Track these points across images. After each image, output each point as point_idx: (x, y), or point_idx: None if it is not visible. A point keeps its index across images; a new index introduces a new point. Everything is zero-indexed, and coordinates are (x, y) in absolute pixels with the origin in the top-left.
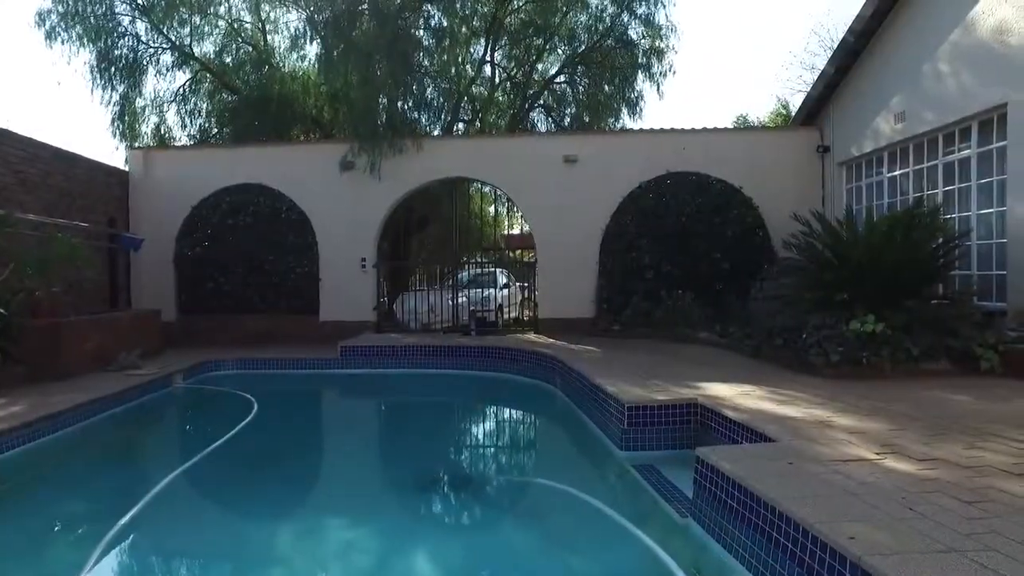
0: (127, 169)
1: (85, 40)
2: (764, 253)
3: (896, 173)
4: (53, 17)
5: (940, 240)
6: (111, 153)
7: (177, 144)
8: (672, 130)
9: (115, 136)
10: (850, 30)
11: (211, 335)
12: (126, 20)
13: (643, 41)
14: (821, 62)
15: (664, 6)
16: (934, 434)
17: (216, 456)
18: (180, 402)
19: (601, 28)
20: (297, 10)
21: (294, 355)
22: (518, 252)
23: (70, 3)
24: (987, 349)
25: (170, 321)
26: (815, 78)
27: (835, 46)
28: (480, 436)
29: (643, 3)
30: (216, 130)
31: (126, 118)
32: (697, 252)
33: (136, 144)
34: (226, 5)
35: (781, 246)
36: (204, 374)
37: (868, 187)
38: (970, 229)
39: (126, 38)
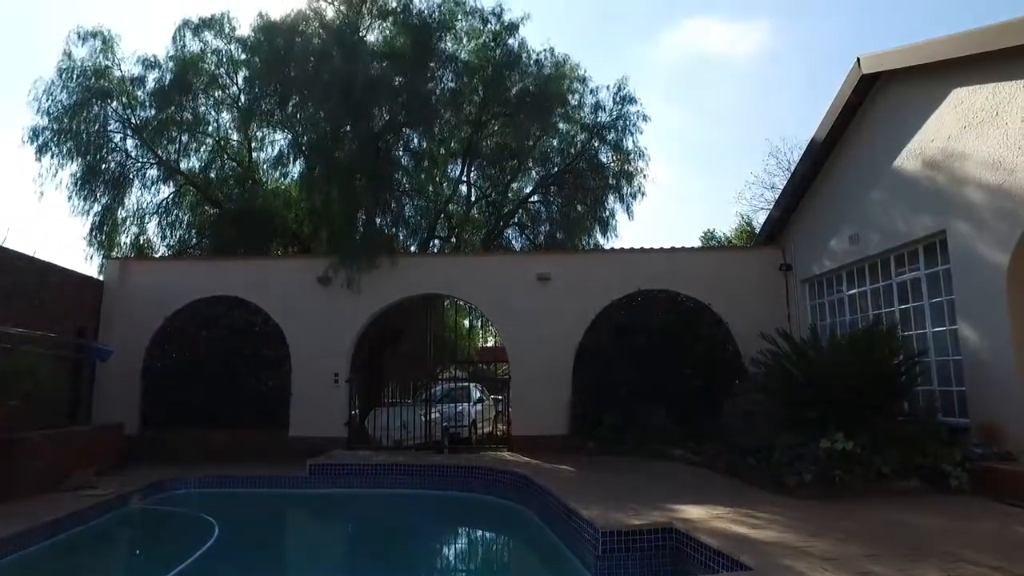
0: (101, 278)
1: (75, 154)
2: (734, 369)
3: (855, 291)
4: (47, 133)
5: (901, 357)
6: (85, 262)
7: (155, 255)
8: (642, 249)
9: (92, 245)
10: (802, 159)
11: (175, 450)
12: (117, 137)
13: (613, 164)
14: (781, 181)
15: (631, 133)
16: (910, 560)
17: None
18: (135, 525)
19: (573, 151)
20: (282, 130)
21: (260, 472)
22: (492, 365)
23: (65, 121)
24: (955, 467)
25: (132, 435)
26: (776, 196)
27: (792, 168)
28: (452, 563)
29: (612, 130)
30: (196, 241)
31: (106, 228)
32: (669, 368)
33: (114, 254)
34: (215, 124)
35: (750, 362)
36: (164, 493)
37: (830, 304)
38: (927, 347)
39: (115, 153)
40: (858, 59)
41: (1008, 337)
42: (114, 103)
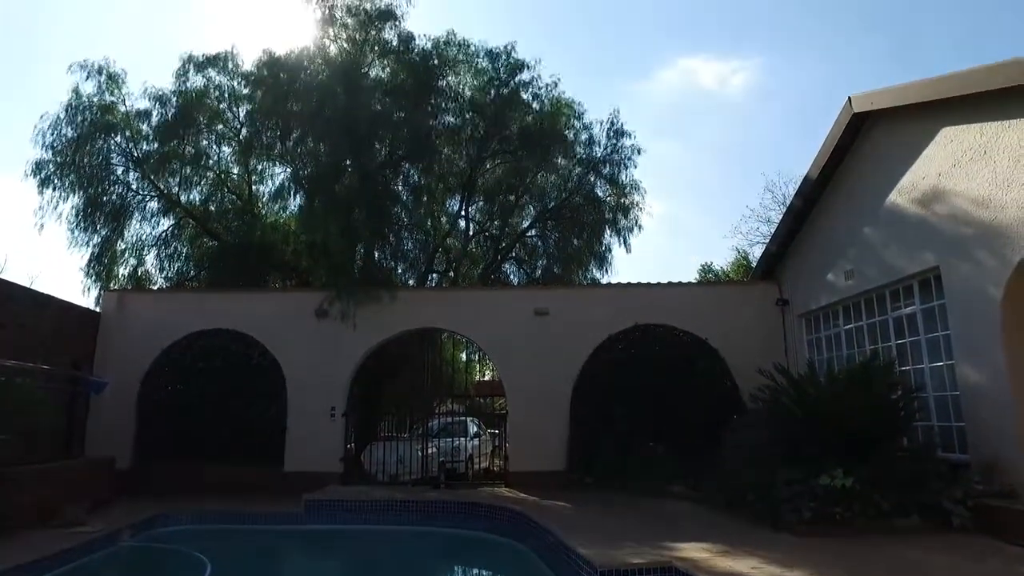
0: (98, 310)
1: (76, 187)
2: (733, 403)
3: (851, 326)
4: (50, 167)
5: (899, 392)
6: (83, 294)
7: (153, 286)
8: (639, 284)
9: (89, 276)
10: (796, 196)
11: (169, 484)
12: (119, 170)
13: (609, 199)
14: (777, 215)
15: (626, 166)
16: None
17: None
18: (125, 564)
19: (569, 186)
20: (283, 164)
21: (255, 508)
22: (489, 399)
23: (68, 154)
24: (957, 504)
25: (125, 469)
26: (772, 230)
27: (787, 203)
28: None
29: (607, 164)
30: (194, 273)
31: (104, 260)
32: (668, 403)
33: (112, 286)
34: (216, 158)
35: (748, 397)
36: (156, 529)
37: (827, 339)
38: (924, 382)
39: (116, 186)
40: (849, 98)
41: (1005, 373)
42: (118, 137)
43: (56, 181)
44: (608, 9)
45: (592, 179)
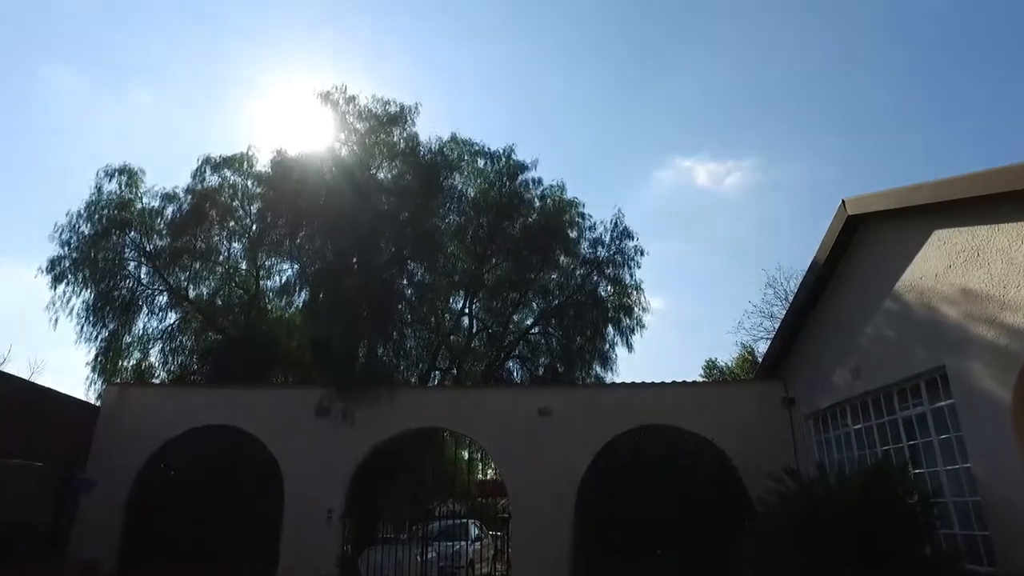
0: (98, 404)
1: (89, 282)
2: (742, 507)
3: (860, 426)
4: (65, 263)
5: (916, 498)
6: (87, 388)
7: (155, 380)
8: (643, 384)
9: (95, 371)
10: (797, 294)
11: None
12: (131, 264)
13: (612, 298)
14: (779, 311)
15: (629, 267)
16: None
17: None
18: None
19: (573, 285)
20: (291, 260)
21: None
22: (492, 499)
23: (84, 250)
24: None
25: (112, 571)
26: (775, 325)
27: (789, 298)
28: None
29: (610, 264)
30: (197, 367)
31: (110, 354)
32: (675, 507)
33: (114, 379)
34: (226, 253)
35: (757, 501)
36: None
37: (837, 439)
38: (941, 487)
39: (127, 280)
40: (843, 201)
41: (1022, 477)
42: (132, 232)
43: (70, 276)
44: (606, 113)
45: (595, 278)
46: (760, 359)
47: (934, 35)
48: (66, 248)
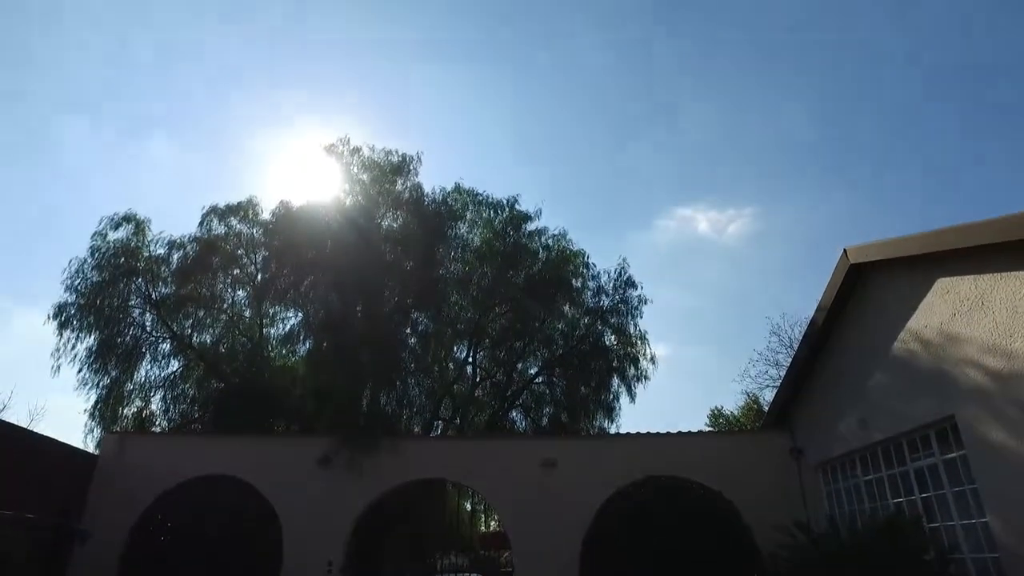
0: (96, 452)
1: (94, 328)
2: (752, 562)
3: (870, 477)
4: (71, 309)
5: (932, 554)
6: (86, 436)
7: (156, 428)
8: (649, 434)
9: (94, 419)
10: (801, 344)
11: None
12: (136, 312)
13: (616, 347)
14: (784, 358)
15: (633, 316)
16: None
17: None
18: None
19: (577, 334)
20: (295, 309)
21: None
22: (495, 551)
23: (90, 296)
24: None
25: None
26: (781, 373)
27: (794, 345)
28: None
29: (614, 313)
30: (198, 415)
31: (111, 401)
32: (683, 562)
33: (114, 427)
34: (230, 301)
35: (768, 556)
36: None
37: (847, 491)
38: (958, 542)
39: (132, 327)
40: (845, 250)
41: None
42: (139, 280)
43: (75, 322)
44: (607, 164)
45: (600, 328)
46: (766, 407)
47: (937, 80)
48: (74, 295)
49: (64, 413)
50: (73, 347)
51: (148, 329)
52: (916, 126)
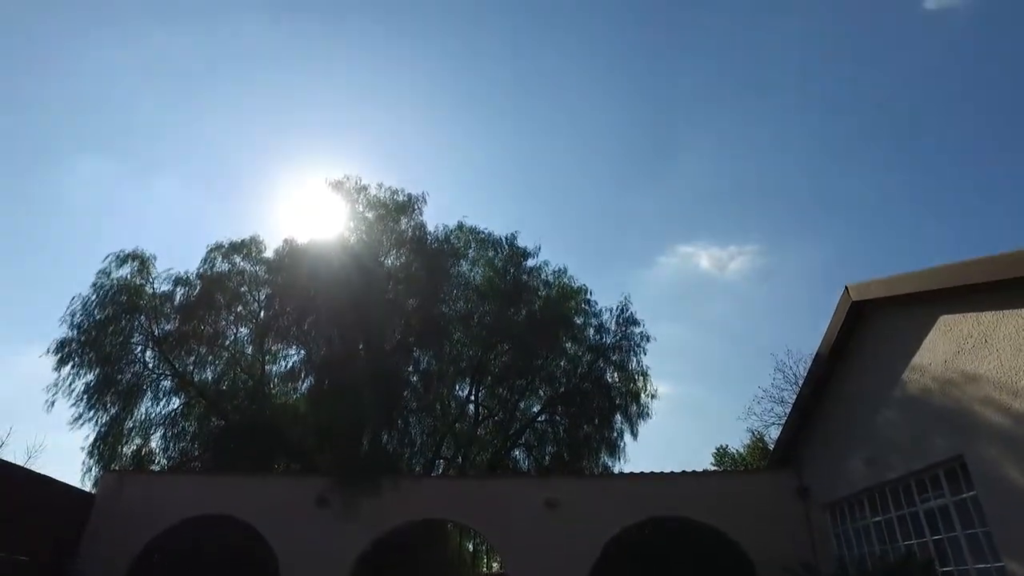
0: (94, 491)
1: (94, 364)
2: None
3: (879, 519)
4: (73, 345)
5: None
6: (83, 475)
7: (155, 467)
8: (653, 474)
9: (92, 456)
10: (806, 381)
11: None
12: (138, 349)
13: (618, 384)
14: (790, 395)
15: (636, 354)
16: None
17: None
18: None
19: (580, 372)
20: (297, 346)
21: None
22: None
23: (92, 333)
24: None
25: None
26: (786, 410)
27: (798, 382)
28: None
29: (616, 351)
30: (198, 453)
31: (110, 439)
32: None
33: (113, 465)
34: (233, 338)
35: None
36: None
37: (855, 532)
38: None
39: (133, 364)
40: (847, 287)
41: None
42: (142, 317)
43: (76, 359)
44: (608, 201)
45: (602, 365)
46: (772, 445)
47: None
48: (76, 331)
49: (62, 450)
50: (71, 383)
51: (150, 366)
52: (919, 162)
